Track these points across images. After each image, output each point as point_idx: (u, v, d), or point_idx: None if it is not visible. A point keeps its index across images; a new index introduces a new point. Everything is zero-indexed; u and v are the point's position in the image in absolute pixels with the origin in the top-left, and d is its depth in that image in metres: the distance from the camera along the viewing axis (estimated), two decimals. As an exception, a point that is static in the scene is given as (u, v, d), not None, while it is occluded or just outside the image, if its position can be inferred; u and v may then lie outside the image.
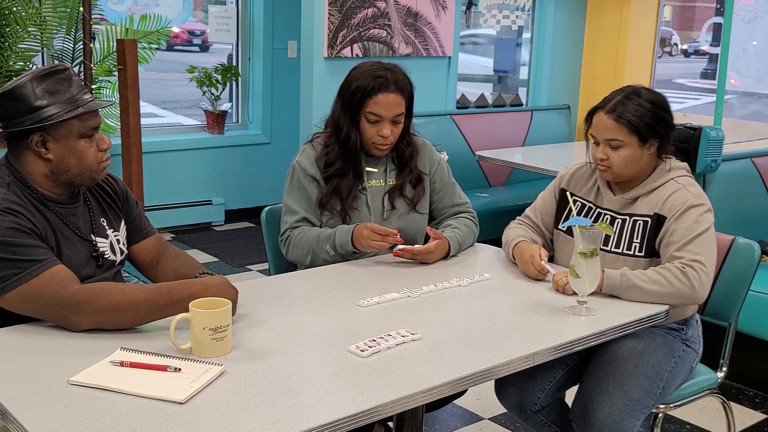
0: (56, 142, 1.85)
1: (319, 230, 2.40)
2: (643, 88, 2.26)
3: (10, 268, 1.73)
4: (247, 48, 5.99)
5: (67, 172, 1.88)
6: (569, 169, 2.46)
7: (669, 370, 2.22)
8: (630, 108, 2.19)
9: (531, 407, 2.31)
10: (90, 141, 1.89)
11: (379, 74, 2.38)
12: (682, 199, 2.20)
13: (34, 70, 1.88)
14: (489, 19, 5.87)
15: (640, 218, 2.25)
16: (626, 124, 2.18)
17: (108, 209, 2.06)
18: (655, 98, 2.24)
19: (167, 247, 2.17)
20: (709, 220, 2.19)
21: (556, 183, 2.46)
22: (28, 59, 4.74)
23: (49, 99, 1.83)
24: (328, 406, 1.47)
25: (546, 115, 5.88)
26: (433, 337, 1.81)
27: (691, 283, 2.09)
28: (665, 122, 2.24)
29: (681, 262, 2.12)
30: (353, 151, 2.43)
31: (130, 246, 2.12)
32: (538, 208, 2.47)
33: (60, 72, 1.87)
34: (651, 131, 2.20)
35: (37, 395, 1.47)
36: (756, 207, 3.88)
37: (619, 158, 2.21)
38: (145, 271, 2.15)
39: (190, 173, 5.70)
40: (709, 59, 16.91)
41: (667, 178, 2.26)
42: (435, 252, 2.36)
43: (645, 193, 2.26)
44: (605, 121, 2.21)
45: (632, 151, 2.21)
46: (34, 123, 1.82)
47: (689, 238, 2.14)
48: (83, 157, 1.88)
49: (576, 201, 2.38)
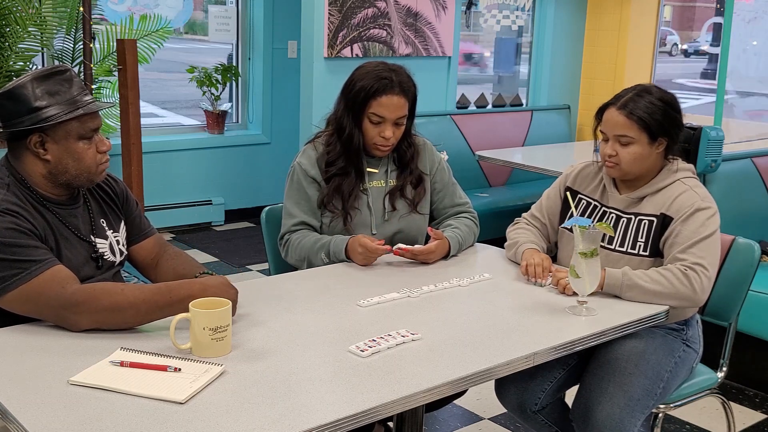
0: (55, 143, 1.85)
1: (316, 237, 2.40)
2: (655, 87, 2.27)
3: (9, 268, 1.73)
4: (247, 48, 5.99)
5: (65, 174, 1.88)
6: (575, 167, 2.46)
7: (669, 370, 2.22)
8: (641, 105, 2.20)
9: (531, 407, 2.31)
10: (89, 143, 1.89)
11: (384, 76, 2.37)
12: (690, 201, 2.20)
13: (35, 70, 1.88)
14: (489, 19, 5.87)
15: (646, 218, 2.25)
16: (637, 121, 2.19)
17: (108, 210, 2.06)
18: (666, 97, 2.25)
19: (167, 247, 2.16)
20: (715, 223, 2.19)
21: (562, 181, 2.47)
22: (28, 59, 4.74)
23: (48, 100, 1.82)
24: (328, 406, 1.47)
25: (546, 115, 5.88)
26: (433, 337, 1.81)
27: (692, 286, 2.09)
28: (675, 121, 2.25)
29: (683, 264, 2.12)
30: (356, 150, 2.43)
31: (130, 246, 2.12)
32: (545, 206, 2.47)
33: (61, 73, 1.87)
34: (661, 129, 2.21)
35: (37, 395, 1.46)
36: (756, 207, 3.88)
37: (628, 155, 2.22)
38: (145, 271, 2.15)
39: (190, 173, 5.70)
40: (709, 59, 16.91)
41: (673, 178, 2.27)
42: (435, 252, 2.36)
43: (651, 193, 2.27)
44: (616, 117, 2.22)
45: (641, 148, 2.21)
46: (33, 123, 1.81)
47: (694, 241, 2.14)
48: (81, 158, 1.88)
49: (581, 199, 2.38)
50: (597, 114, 2.30)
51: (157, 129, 5.97)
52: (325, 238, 2.38)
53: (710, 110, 4.54)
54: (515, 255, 2.37)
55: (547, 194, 2.49)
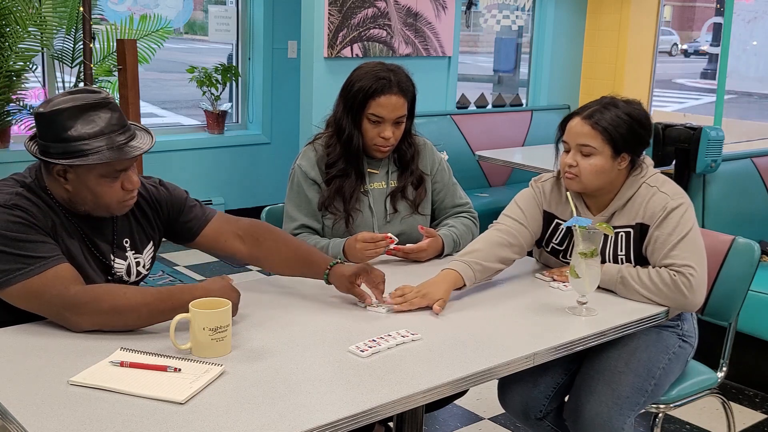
0: (76, 176, 1.79)
1: (316, 239, 2.40)
2: (622, 101, 2.21)
3: (14, 262, 1.72)
4: (247, 48, 5.99)
5: (83, 205, 1.84)
6: (542, 187, 2.34)
7: (662, 366, 2.21)
8: (607, 117, 2.16)
9: (536, 414, 2.29)
10: (113, 180, 1.82)
11: (382, 76, 2.37)
12: (661, 204, 2.16)
13: (78, 95, 1.79)
14: (489, 19, 5.87)
15: (622, 230, 2.21)
16: (602, 131, 2.14)
17: (137, 229, 2.00)
18: (634, 112, 2.18)
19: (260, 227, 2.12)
20: (690, 219, 2.16)
21: (540, 200, 2.33)
22: (28, 59, 4.75)
23: (80, 132, 1.75)
24: (328, 406, 1.47)
25: (546, 115, 5.88)
26: (433, 337, 1.81)
27: (682, 292, 2.08)
28: (640, 138, 2.19)
29: (671, 270, 2.10)
30: (356, 151, 2.43)
31: (196, 236, 2.08)
32: (516, 227, 2.27)
33: (101, 107, 1.79)
34: (625, 144, 2.16)
35: (37, 395, 1.46)
36: (756, 207, 3.88)
37: (588, 166, 2.16)
38: (232, 253, 2.10)
39: (190, 173, 5.70)
40: (709, 59, 16.92)
41: (639, 184, 2.22)
42: (427, 250, 2.36)
43: (620, 206, 2.22)
44: (581, 127, 2.17)
45: (603, 161, 2.16)
46: (58, 154, 1.76)
47: (674, 243, 2.12)
48: (101, 196, 1.82)
49: (558, 224, 2.30)
50: (560, 125, 2.25)
51: (157, 129, 5.97)
52: (324, 241, 2.38)
53: (710, 110, 4.54)
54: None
55: (525, 206, 2.32)
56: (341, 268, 2.03)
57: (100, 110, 1.79)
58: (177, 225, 2.09)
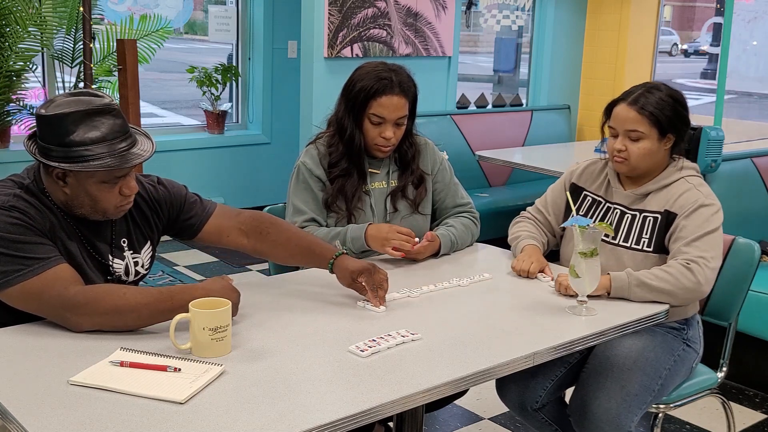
0: (76, 180, 1.79)
1: (328, 228, 2.41)
2: (663, 84, 2.31)
3: (12, 264, 1.72)
4: (247, 48, 5.99)
5: (80, 208, 1.84)
6: (580, 164, 2.48)
7: (668, 368, 2.22)
8: (652, 100, 2.23)
9: (532, 405, 2.32)
10: (111, 186, 1.82)
11: (384, 76, 2.37)
12: (693, 198, 2.22)
13: (81, 98, 1.78)
14: (489, 19, 5.87)
15: (650, 214, 2.26)
16: (648, 116, 2.22)
17: (134, 229, 2.00)
18: (675, 94, 2.28)
19: (263, 219, 2.13)
20: (718, 219, 2.21)
21: (567, 177, 2.49)
22: (28, 59, 4.75)
23: (81, 138, 1.74)
24: (328, 406, 1.47)
25: (546, 115, 5.88)
26: (433, 337, 1.81)
27: (696, 278, 2.10)
28: (684, 118, 2.28)
29: (685, 258, 2.13)
30: (357, 151, 2.43)
31: (197, 233, 2.09)
32: (549, 201, 2.49)
33: (104, 112, 1.78)
34: (670, 125, 2.24)
35: (37, 395, 1.46)
36: (756, 207, 3.88)
37: (637, 150, 2.24)
38: (236, 247, 2.11)
39: (190, 173, 5.70)
40: (709, 59, 16.92)
41: (678, 176, 2.29)
42: (424, 251, 2.36)
43: (656, 190, 2.28)
44: (627, 113, 2.24)
45: (651, 143, 2.23)
46: (59, 157, 1.76)
47: (698, 236, 2.16)
48: (98, 200, 1.82)
49: (587, 196, 2.40)
50: (606, 111, 2.33)
51: (157, 129, 5.97)
52: (337, 229, 2.39)
53: (710, 110, 4.54)
54: (515, 249, 2.39)
55: (552, 189, 2.51)
56: (346, 261, 2.04)
57: (104, 116, 1.78)
58: (178, 223, 2.09)
